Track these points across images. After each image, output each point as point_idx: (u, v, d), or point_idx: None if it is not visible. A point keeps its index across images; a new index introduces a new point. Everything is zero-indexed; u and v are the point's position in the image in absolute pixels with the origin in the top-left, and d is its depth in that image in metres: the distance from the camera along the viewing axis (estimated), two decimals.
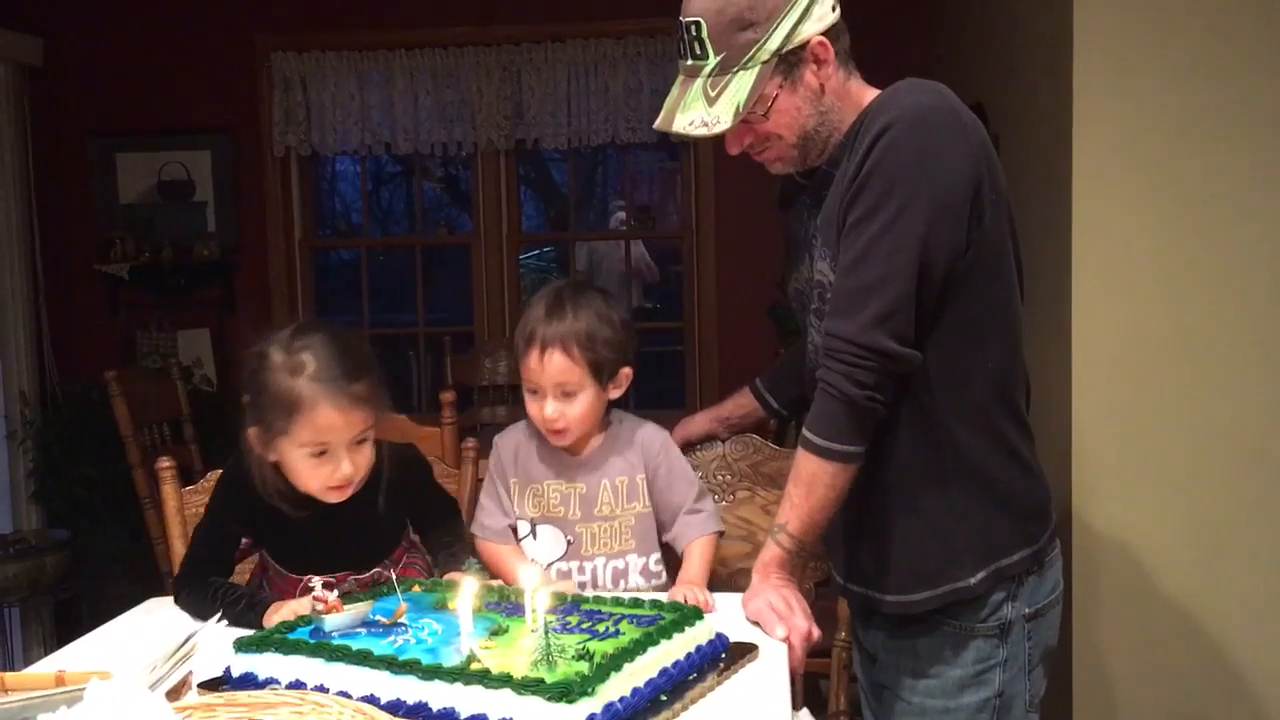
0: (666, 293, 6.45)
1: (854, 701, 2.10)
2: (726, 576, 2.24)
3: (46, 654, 4.08)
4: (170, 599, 1.92)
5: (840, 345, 1.61)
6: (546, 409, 1.89)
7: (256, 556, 2.01)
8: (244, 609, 1.74)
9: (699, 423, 2.25)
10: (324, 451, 1.73)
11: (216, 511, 1.90)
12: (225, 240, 4.90)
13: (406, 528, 1.97)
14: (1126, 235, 2.49)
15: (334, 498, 1.78)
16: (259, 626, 1.70)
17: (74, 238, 4.79)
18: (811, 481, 1.65)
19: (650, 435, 2.01)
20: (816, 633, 1.65)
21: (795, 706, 1.54)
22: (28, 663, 4.16)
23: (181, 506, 2.11)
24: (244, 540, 1.98)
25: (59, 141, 4.72)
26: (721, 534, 2.00)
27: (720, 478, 2.26)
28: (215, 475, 2.16)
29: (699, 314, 4.92)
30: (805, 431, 1.66)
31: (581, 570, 1.95)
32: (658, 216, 5.98)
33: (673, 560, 2.01)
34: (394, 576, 1.64)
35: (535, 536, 1.97)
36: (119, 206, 4.87)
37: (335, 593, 1.50)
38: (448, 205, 8.11)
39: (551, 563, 1.96)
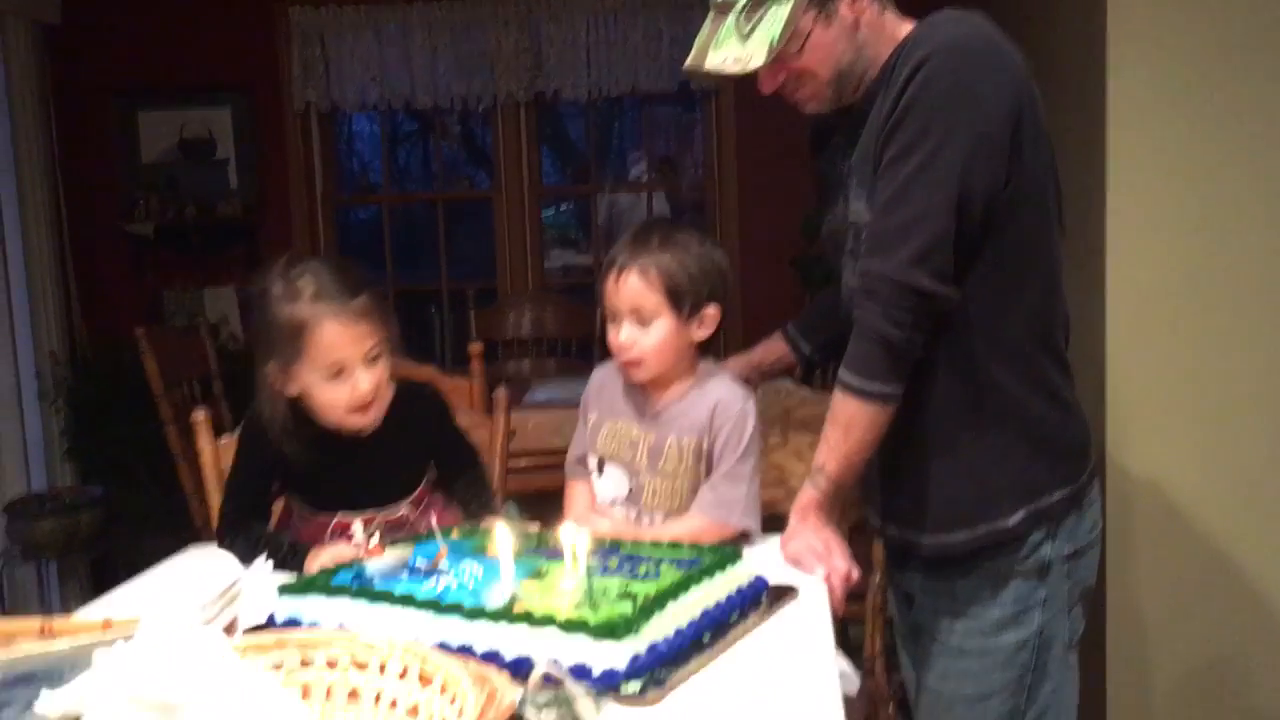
0: None
1: (889, 645, 2.10)
2: (761, 522, 2.24)
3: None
4: (211, 545, 1.93)
5: (877, 284, 1.59)
6: (620, 334, 1.83)
7: (282, 503, 2.03)
8: (287, 555, 1.75)
9: (730, 369, 2.22)
10: (339, 372, 1.74)
11: (244, 459, 1.91)
12: (247, 198, 4.90)
13: (429, 468, 1.98)
14: (1162, 169, 2.45)
15: (360, 422, 1.78)
16: (301, 573, 1.71)
17: (98, 198, 4.79)
18: (849, 423, 1.64)
19: (730, 399, 1.86)
20: (856, 573, 1.65)
21: None
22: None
23: (217, 459, 2.12)
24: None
25: (80, 101, 4.71)
26: (744, 534, 1.84)
27: None
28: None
29: None
30: (842, 373, 1.65)
31: (640, 519, 1.91)
32: (678, 168, 5.94)
33: None
34: (434, 523, 1.64)
35: (601, 473, 1.94)
36: (141, 166, 4.87)
37: (376, 537, 1.50)
38: (465, 164, 8.08)
39: (614, 499, 1.93)
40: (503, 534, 1.41)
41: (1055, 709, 1.75)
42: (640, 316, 1.82)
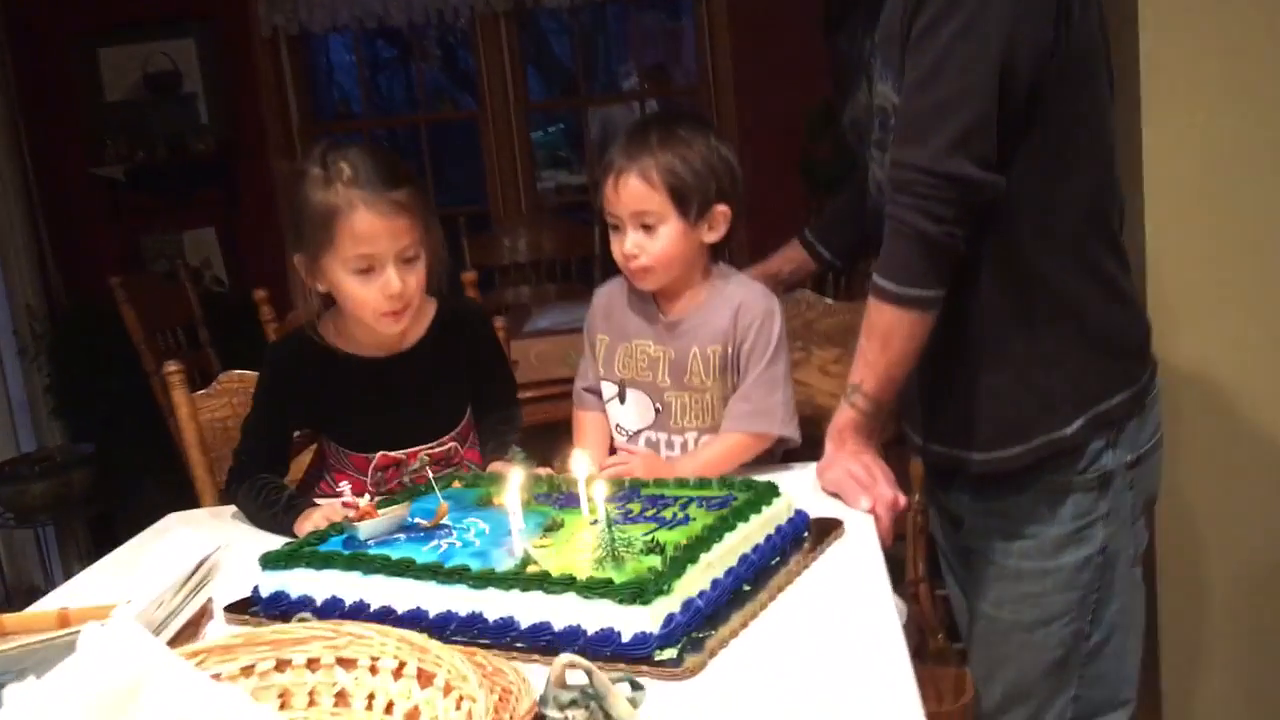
0: None
1: (932, 567, 1.95)
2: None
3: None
4: (188, 513, 1.79)
5: (912, 175, 1.41)
6: (626, 241, 1.69)
7: (314, 449, 1.87)
8: (280, 512, 1.60)
9: None
10: (370, 268, 1.61)
11: (264, 396, 1.77)
12: (221, 133, 4.66)
13: (469, 397, 1.84)
14: (1200, 33, 2.24)
15: (390, 326, 1.66)
16: (290, 533, 1.56)
17: (63, 142, 4.56)
18: (887, 333, 1.47)
19: (752, 300, 1.73)
20: (903, 500, 1.49)
21: None
22: (68, 579, 4.15)
23: (195, 413, 1.96)
24: (296, 434, 1.85)
25: (36, 42, 4.46)
26: (782, 441, 1.73)
27: None
28: (229, 376, 2.01)
29: None
30: (876, 278, 1.48)
31: (671, 444, 1.76)
32: (670, 76, 5.68)
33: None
34: (430, 474, 1.47)
35: (622, 400, 1.78)
36: (106, 105, 4.63)
37: (367, 497, 1.34)
38: (449, 88, 7.79)
39: (639, 430, 1.78)
40: (510, 482, 1.25)
41: (1123, 629, 1.62)
42: (645, 222, 1.68)
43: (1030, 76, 1.39)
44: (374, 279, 1.61)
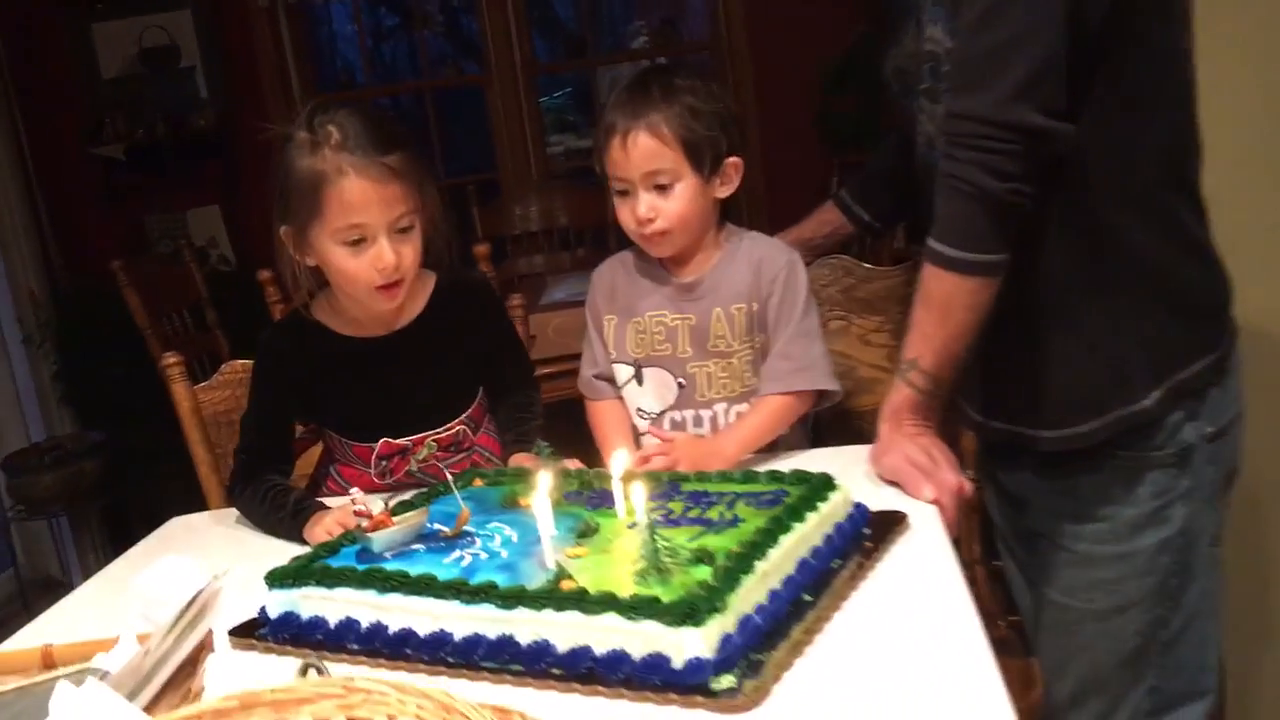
0: None
1: (988, 548, 1.82)
2: (825, 419, 1.95)
3: (100, 561, 3.96)
4: (192, 517, 1.67)
5: (971, 127, 1.28)
6: (639, 206, 1.57)
7: (320, 446, 1.76)
8: (287, 517, 1.48)
9: None
10: (361, 239, 1.49)
11: (262, 387, 1.65)
12: (221, 107, 4.52)
13: (480, 378, 1.72)
14: None
15: (384, 302, 1.54)
16: (300, 540, 1.44)
17: (60, 122, 4.42)
18: (946, 303, 1.34)
19: (773, 254, 1.65)
20: (968, 486, 1.37)
21: None
22: (84, 573, 4.07)
23: (197, 406, 1.84)
24: (301, 429, 1.73)
25: (26, 18, 4.31)
26: (825, 396, 1.64)
27: None
28: (231, 366, 1.89)
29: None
30: (932, 242, 1.34)
31: (699, 420, 1.64)
32: (680, 32, 5.50)
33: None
34: (449, 474, 1.35)
35: (640, 382, 1.66)
36: (102, 82, 4.49)
37: (380, 503, 1.21)
38: (454, 54, 7.62)
39: (663, 411, 1.66)
40: (539, 485, 1.12)
41: (1204, 615, 1.49)
42: (658, 182, 1.57)
43: (1103, 11, 1.24)
44: (365, 251, 1.49)
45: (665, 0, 6.44)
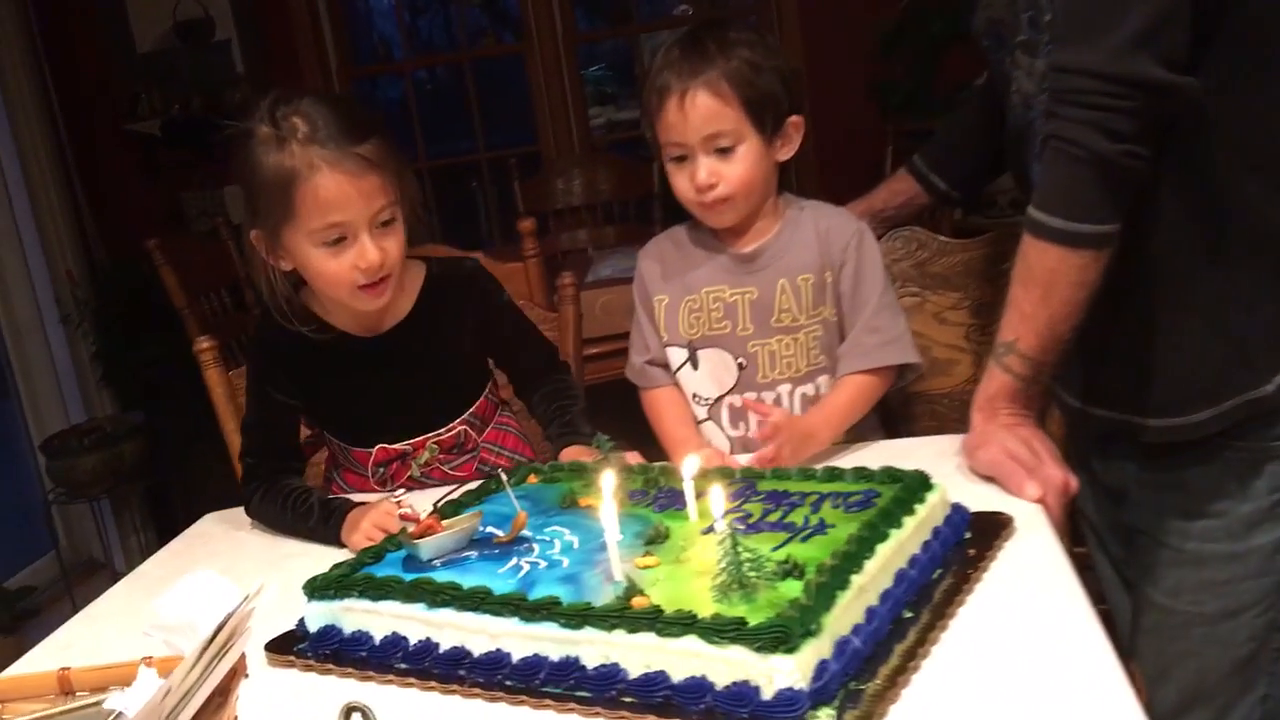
0: None
1: (1077, 541, 1.69)
2: (899, 405, 1.83)
3: (141, 543, 3.91)
4: (226, 513, 1.58)
5: (1081, 82, 1.15)
6: (699, 171, 1.45)
7: (325, 450, 1.66)
8: (317, 523, 1.37)
9: None
10: (341, 238, 1.37)
11: (258, 385, 1.54)
12: (257, 82, 4.42)
13: (487, 373, 1.61)
14: None
15: (369, 303, 1.42)
16: (337, 543, 1.34)
17: (95, 97, 4.36)
18: (1050, 279, 1.21)
19: (841, 222, 1.55)
20: (1074, 483, 1.24)
21: None
22: (126, 554, 4.03)
23: (232, 393, 1.74)
24: (305, 431, 1.63)
25: None
26: (906, 373, 1.54)
27: None
28: None
29: None
30: (1034, 212, 1.22)
31: (761, 402, 1.52)
32: None
33: None
34: (501, 472, 1.24)
35: (695, 365, 1.54)
36: (137, 57, 4.42)
37: (430, 505, 1.11)
38: (491, 26, 7.49)
39: (720, 396, 1.54)
40: (604, 488, 1.01)
41: None
42: (720, 144, 1.46)
43: None
44: (346, 251, 1.37)
45: None
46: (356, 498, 1.44)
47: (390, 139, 1.42)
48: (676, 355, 1.57)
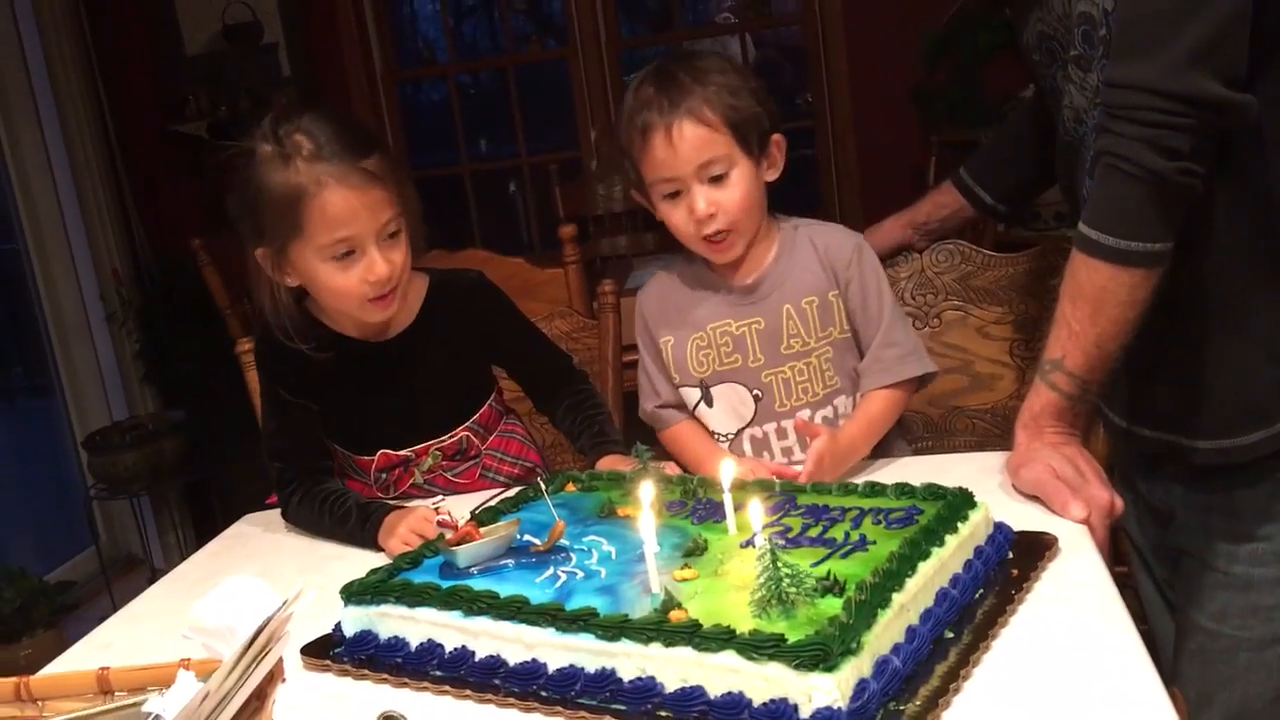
0: (780, 94, 5.79)
1: (1119, 560, 1.67)
2: (939, 419, 1.81)
3: (180, 540, 3.95)
4: (265, 515, 1.59)
5: (1137, 98, 1.12)
6: (698, 201, 1.43)
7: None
8: (355, 527, 1.38)
9: (888, 231, 1.78)
10: (349, 252, 1.38)
11: (273, 388, 1.54)
12: (303, 84, 4.47)
13: (491, 381, 1.61)
14: None
15: (378, 314, 1.43)
16: (374, 547, 1.34)
17: (144, 99, 4.41)
18: (1099, 297, 1.19)
19: (838, 239, 1.53)
20: (1119, 504, 1.22)
21: None
22: (164, 551, 4.07)
23: None
24: None
25: None
26: (924, 379, 1.53)
27: (920, 298, 1.80)
28: None
29: (831, 108, 4.34)
30: (1085, 229, 1.20)
31: (782, 433, 1.50)
32: (770, 4, 5.31)
33: None
34: (541, 480, 1.23)
35: (710, 403, 1.52)
36: (186, 59, 4.47)
37: (467, 513, 1.11)
38: (536, 33, 7.53)
39: (739, 430, 1.52)
40: (643, 499, 1.01)
41: None
42: (713, 173, 1.43)
43: None
44: (355, 264, 1.38)
45: None
46: (412, 505, 1.43)
47: (390, 152, 1.45)
48: (690, 395, 1.55)
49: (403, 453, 1.52)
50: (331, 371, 1.48)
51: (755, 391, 1.51)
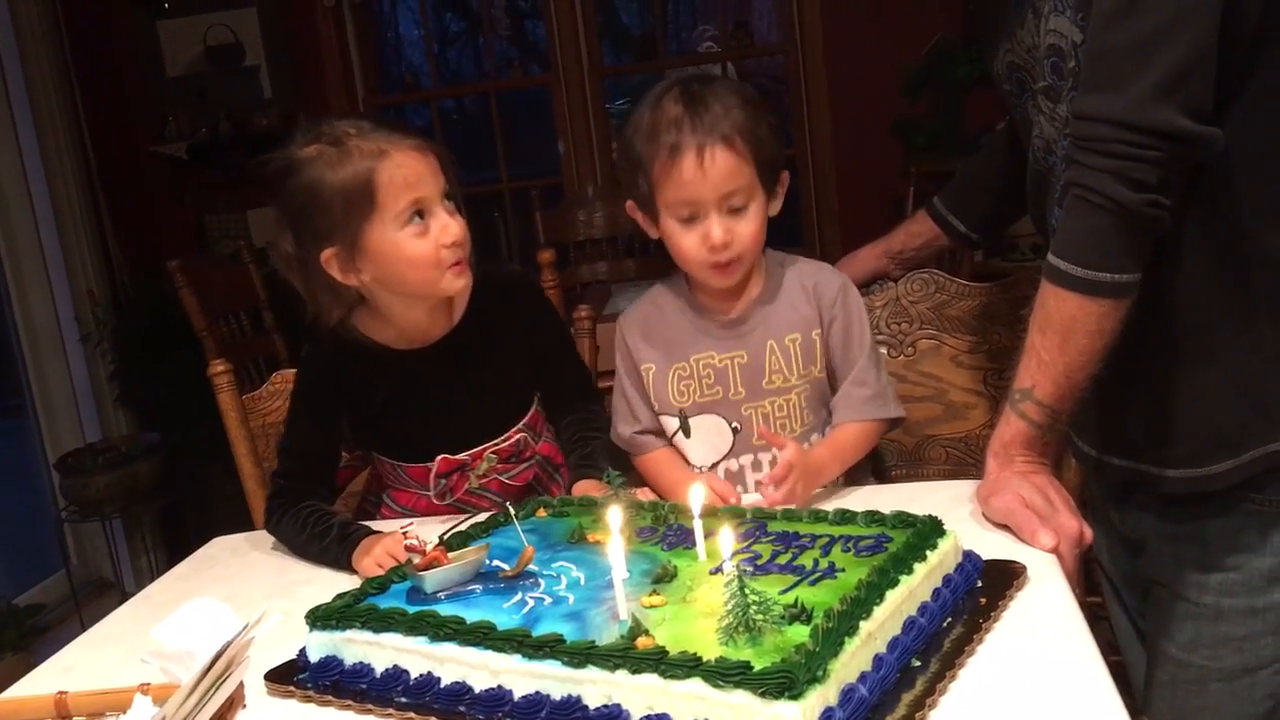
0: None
1: (1092, 590, 1.67)
2: (913, 447, 1.82)
3: (152, 563, 3.90)
4: (234, 538, 1.57)
5: (1104, 130, 1.13)
6: (714, 230, 1.42)
7: (365, 475, 1.65)
8: (333, 544, 1.37)
9: (864, 259, 1.79)
10: (422, 214, 1.40)
11: (308, 406, 1.53)
12: (284, 107, 4.47)
13: (536, 381, 1.60)
14: None
15: (454, 281, 1.44)
16: (348, 568, 1.33)
17: (124, 119, 4.41)
18: (1068, 327, 1.20)
19: (826, 278, 1.53)
20: (1089, 533, 1.22)
21: None
22: (136, 574, 4.02)
23: (245, 418, 1.75)
24: (345, 455, 1.61)
25: (93, 15, 4.29)
26: (894, 423, 1.54)
27: (895, 327, 1.81)
28: (282, 375, 1.80)
29: (811, 137, 4.37)
30: (1054, 260, 1.20)
31: (758, 465, 1.50)
32: (752, 34, 5.35)
33: None
34: (509, 505, 1.23)
35: (688, 433, 1.52)
36: (167, 80, 4.47)
37: (435, 538, 1.10)
38: (519, 58, 7.57)
39: (716, 462, 1.52)
40: (610, 524, 1.00)
41: None
42: (732, 202, 1.43)
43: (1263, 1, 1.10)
44: (429, 227, 1.41)
45: (735, 2, 6.30)
46: (384, 528, 1.43)
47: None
48: (668, 424, 1.54)
49: (461, 456, 1.51)
50: (384, 379, 1.49)
51: (734, 424, 1.51)
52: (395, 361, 1.49)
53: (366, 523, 1.47)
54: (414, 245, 1.40)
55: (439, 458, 1.50)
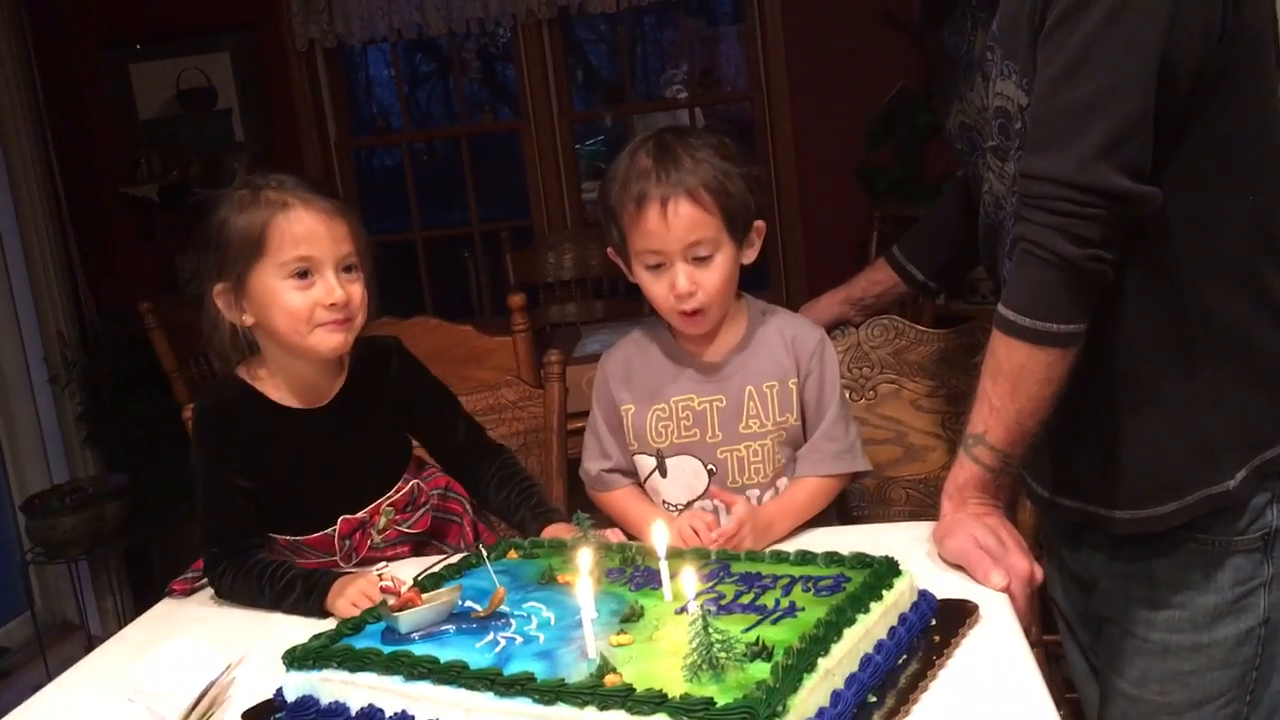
0: None
1: (1048, 628, 1.72)
2: (875, 489, 1.87)
3: (118, 606, 3.88)
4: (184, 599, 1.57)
5: (1048, 189, 1.19)
6: (679, 279, 1.47)
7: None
8: (299, 597, 1.39)
9: (825, 306, 1.84)
10: (308, 272, 1.43)
11: (211, 465, 1.51)
12: (256, 149, 4.51)
13: (407, 443, 1.64)
14: None
15: (330, 339, 1.45)
16: (320, 613, 1.36)
17: (95, 161, 4.43)
18: (1017, 376, 1.25)
19: (805, 332, 1.58)
20: (1039, 573, 1.27)
21: None
22: (101, 617, 3.99)
23: None
24: None
25: (66, 57, 4.32)
26: (856, 477, 1.60)
27: (857, 371, 1.86)
28: None
29: (777, 182, 4.45)
30: (1003, 310, 1.26)
31: (726, 492, 1.55)
32: (720, 80, 5.45)
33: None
34: (482, 547, 1.26)
35: (664, 473, 1.56)
36: (139, 123, 4.50)
37: (410, 580, 1.13)
38: (490, 101, 7.65)
39: (690, 502, 1.56)
40: (580, 566, 1.04)
41: None
42: (697, 252, 1.48)
43: (1194, 66, 1.16)
44: (313, 286, 1.43)
45: (702, 50, 6.42)
46: (356, 571, 1.44)
47: (357, 214, 1.51)
48: (644, 463, 1.58)
49: (360, 515, 1.53)
50: (280, 439, 1.49)
51: (710, 466, 1.55)
52: (290, 419, 1.50)
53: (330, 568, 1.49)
54: (290, 297, 1.42)
55: (340, 519, 1.52)
